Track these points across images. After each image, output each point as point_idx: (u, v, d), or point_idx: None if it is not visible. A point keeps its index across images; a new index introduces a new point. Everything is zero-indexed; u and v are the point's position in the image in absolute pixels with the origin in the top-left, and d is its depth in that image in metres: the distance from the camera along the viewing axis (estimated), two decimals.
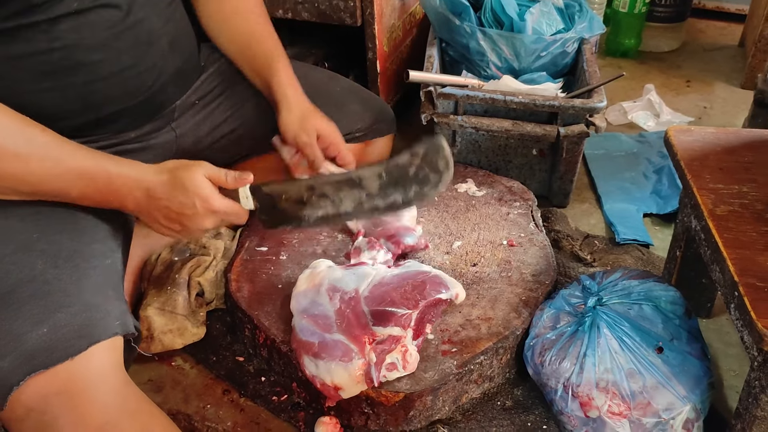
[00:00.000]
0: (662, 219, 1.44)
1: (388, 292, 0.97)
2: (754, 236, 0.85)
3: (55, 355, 0.74)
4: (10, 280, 0.78)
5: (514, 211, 1.27)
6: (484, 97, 1.33)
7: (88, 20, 0.91)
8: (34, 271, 0.80)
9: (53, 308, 0.77)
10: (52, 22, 0.88)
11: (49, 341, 0.74)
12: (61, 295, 0.79)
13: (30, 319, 0.75)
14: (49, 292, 0.78)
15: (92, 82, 0.94)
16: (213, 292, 1.16)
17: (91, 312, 0.79)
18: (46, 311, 0.76)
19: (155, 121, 1.10)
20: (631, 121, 1.80)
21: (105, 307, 0.81)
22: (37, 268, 0.80)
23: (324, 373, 0.91)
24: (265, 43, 1.15)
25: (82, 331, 0.76)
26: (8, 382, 0.72)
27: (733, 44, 2.26)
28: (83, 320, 0.77)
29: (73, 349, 0.75)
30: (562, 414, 0.94)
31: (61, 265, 0.82)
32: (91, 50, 0.92)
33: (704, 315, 1.18)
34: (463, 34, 1.49)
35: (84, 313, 0.78)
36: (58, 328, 0.76)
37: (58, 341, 0.75)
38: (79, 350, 0.75)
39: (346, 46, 1.70)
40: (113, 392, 0.77)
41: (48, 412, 0.73)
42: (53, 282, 0.79)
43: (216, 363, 1.10)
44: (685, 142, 1.03)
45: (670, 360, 0.91)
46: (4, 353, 0.73)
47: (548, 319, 1.00)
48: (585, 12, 1.56)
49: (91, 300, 0.80)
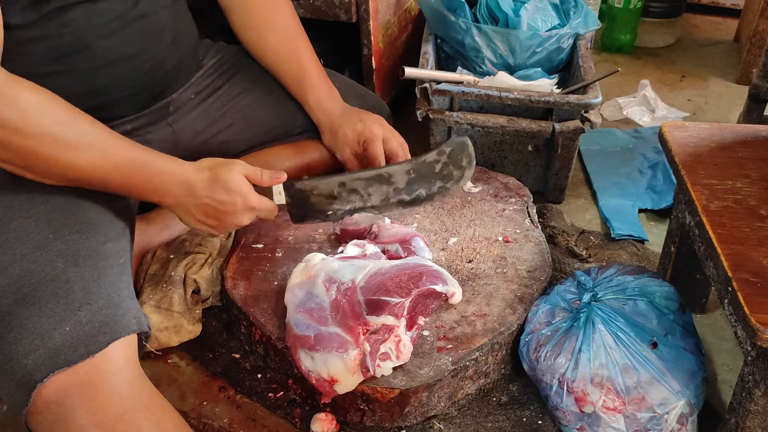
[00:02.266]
0: (657, 214, 1.45)
1: (384, 281, 0.97)
2: (748, 232, 0.86)
3: (78, 352, 0.76)
4: (33, 279, 0.80)
5: (510, 207, 1.27)
6: (480, 93, 1.33)
7: (98, 9, 0.94)
8: (56, 270, 0.82)
9: (75, 306, 0.79)
10: (64, 10, 0.91)
11: (71, 339, 0.76)
12: (82, 293, 0.81)
13: (53, 317, 0.77)
14: (71, 290, 0.80)
15: (99, 68, 0.97)
16: (209, 290, 1.16)
17: (111, 309, 0.81)
18: (68, 309, 0.79)
19: (151, 114, 1.10)
20: (626, 117, 1.81)
21: (123, 305, 0.83)
22: (58, 267, 0.82)
23: (320, 365, 0.92)
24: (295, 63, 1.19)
25: (104, 328, 0.79)
26: (33, 379, 0.74)
27: (728, 39, 2.26)
28: (104, 317, 0.80)
29: (94, 347, 0.77)
30: (557, 409, 0.95)
31: (82, 264, 0.84)
32: (99, 37, 0.95)
33: (698, 310, 1.19)
34: (458, 30, 1.49)
35: (105, 311, 0.80)
36: (81, 325, 0.78)
37: (80, 339, 0.77)
38: (99, 347, 0.77)
39: (341, 42, 1.70)
40: (128, 385, 0.79)
41: (66, 404, 0.75)
42: (75, 280, 0.81)
43: (212, 360, 1.10)
44: (680, 138, 1.04)
45: (664, 355, 0.92)
46: (29, 351, 0.75)
47: (543, 315, 1.00)
48: (580, 8, 1.56)
49: (110, 298, 0.82)
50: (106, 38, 0.96)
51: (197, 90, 1.18)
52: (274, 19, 1.18)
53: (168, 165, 0.93)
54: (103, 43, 0.96)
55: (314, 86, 1.19)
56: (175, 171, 0.93)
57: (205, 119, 1.18)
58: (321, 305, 0.96)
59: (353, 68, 1.66)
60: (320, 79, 1.20)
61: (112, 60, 0.98)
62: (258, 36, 1.19)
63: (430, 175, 1.06)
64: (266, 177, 0.98)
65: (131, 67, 1.01)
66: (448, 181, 1.07)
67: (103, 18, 0.95)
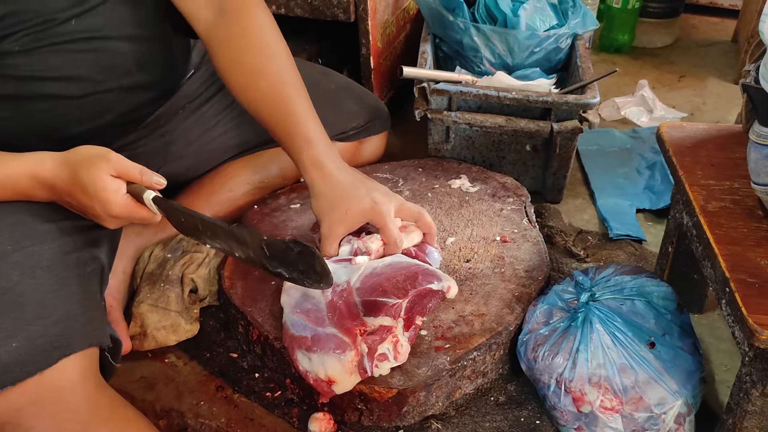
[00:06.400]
0: (655, 214, 1.45)
1: (380, 282, 0.97)
2: (746, 232, 0.86)
3: (26, 368, 0.73)
4: None
5: (508, 207, 1.27)
6: (478, 93, 1.33)
7: (40, 54, 0.88)
8: (9, 283, 0.78)
9: (27, 320, 0.76)
10: (2, 56, 0.86)
11: (19, 355, 0.73)
12: (36, 306, 0.77)
13: (1, 333, 0.74)
14: (24, 304, 0.77)
15: (54, 108, 0.92)
16: (206, 289, 1.16)
17: (66, 323, 0.78)
18: (19, 324, 0.75)
19: (138, 131, 1.08)
20: (624, 117, 1.81)
21: (82, 317, 0.80)
22: (13, 279, 0.79)
23: (318, 366, 0.91)
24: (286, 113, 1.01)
25: (57, 342, 0.76)
26: None
27: (726, 40, 2.27)
28: (58, 331, 0.77)
29: (44, 363, 0.74)
30: (555, 409, 0.95)
31: (39, 276, 0.80)
32: (47, 81, 0.90)
33: (696, 310, 1.19)
34: (456, 29, 1.49)
35: (60, 324, 0.77)
36: (32, 340, 0.75)
37: (30, 354, 0.74)
38: (49, 363, 0.74)
39: (339, 42, 1.70)
40: (86, 400, 0.76)
41: (22, 425, 0.72)
42: (29, 293, 0.78)
43: (209, 359, 1.10)
44: (677, 139, 1.04)
45: (661, 355, 0.92)
46: None
47: (541, 315, 1.00)
48: (578, 8, 1.56)
49: (67, 311, 0.79)
50: (56, 81, 0.91)
51: (190, 98, 1.15)
52: (263, 65, 1.01)
53: (23, 164, 0.84)
54: (54, 86, 0.91)
55: (309, 142, 1.00)
56: (30, 171, 0.84)
57: (199, 128, 1.16)
58: (317, 306, 0.96)
59: (351, 68, 1.66)
60: (317, 134, 1.01)
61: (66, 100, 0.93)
62: (246, 83, 1.01)
63: (283, 258, 0.89)
64: (145, 177, 0.85)
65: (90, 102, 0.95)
66: (307, 277, 0.91)
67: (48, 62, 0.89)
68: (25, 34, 0.86)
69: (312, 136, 1.00)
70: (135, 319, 1.10)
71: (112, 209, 0.83)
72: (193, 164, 1.21)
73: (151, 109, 1.09)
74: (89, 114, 0.97)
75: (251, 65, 1.00)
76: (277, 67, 1.01)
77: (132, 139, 1.06)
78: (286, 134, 1.01)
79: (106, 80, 0.96)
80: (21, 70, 0.88)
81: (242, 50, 0.99)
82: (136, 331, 1.09)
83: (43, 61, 0.89)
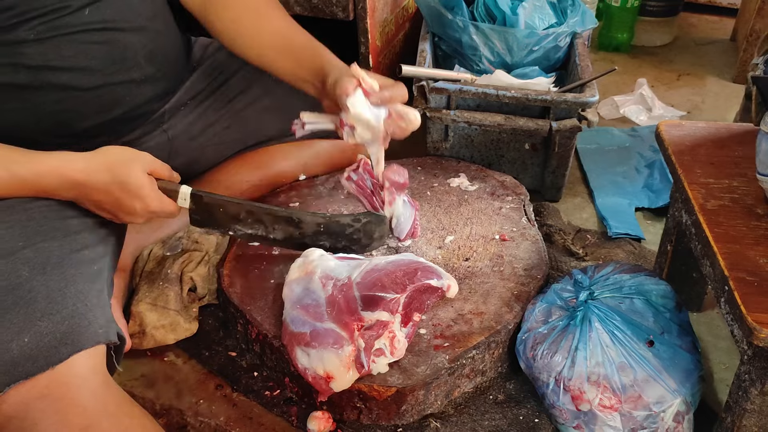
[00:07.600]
0: (654, 213, 1.45)
1: (380, 277, 0.97)
2: (744, 231, 0.86)
3: (37, 363, 0.74)
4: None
5: (507, 206, 1.27)
6: (477, 91, 1.33)
7: (53, 43, 0.90)
8: (20, 278, 0.79)
9: (37, 316, 0.77)
10: (16, 45, 0.87)
11: (30, 350, 0.74)
12: (45, 302, 0.78)
13: (12, 328, 0.75)
14: (33, 299, 0.78)
15: (64, 100, 0.93)
16: (205, 288, 1.16)
17: (75, 319, 0.79)
18: (28, 319, 0.76)
19: (144, 126, 1.09)
20: (623, 116, 1.81)
21: (89, 314, 0.81)
22: (23, 275, 0.80)
23: (316, 361, 0.91)
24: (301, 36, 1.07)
25: (65, 339, 0.76)
26: None
27: (724, 38, 2.27)
28: (66, 328, 0.77)
29: (54, 358, 0.75)
30: (554, 407, 0.95)
31: (49, 272, 0.81)
32: (58, 71, 0.91)
33: (695, 309, 1.19)
34: (455, 28, 1.49)
35: (68, 321, 0.78)
36: (41, 336, 0.75)
37: (40, 350, 0.74)
38: (60, 359, 0.75)
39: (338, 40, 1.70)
40: (93, 396, 0.77)
41: (29, 418, 0.73)
42: (39, 289, 0.79)
43: (209, 358, 1.10)
44: (676, 137, 1.04)
45: (660, 353, 0.92)
46: None
47: (540, 314, 1.00)
48: (577, 6, 1.56)
49: (76, 308, 0.80)
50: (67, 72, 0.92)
51: (192, 94, 1.16)
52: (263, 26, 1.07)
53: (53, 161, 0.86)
54: (64, 76, 0.92)
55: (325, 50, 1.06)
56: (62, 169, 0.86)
57: (201, 123, 1.17)
58: (317, 301, 0.96)
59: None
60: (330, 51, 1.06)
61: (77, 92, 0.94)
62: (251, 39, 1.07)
63: (338, 234, 1.06)
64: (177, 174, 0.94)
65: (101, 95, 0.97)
66: (354, 244, 1.08)
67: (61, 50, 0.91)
68: (40, 22, 0.88)
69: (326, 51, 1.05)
70: (134, 318, 1.10)
71: (151, 205, 0.90)
72: (195, 159, 1.21)
73: (158, 104, 1.10)
74: (99, 107, 0.98)
75: (251, 19, 1.07)
76: (277, 15, 1.08)
77: (138, 134, 1.07)
78: (294, 60, 1.05)
79: (116, 72, 0.98)
80: (34, 59, 0.89)
81: (241, 10, 1.06)
82: (135, 329, 1.09)
83: (56, 50, 0.90)
